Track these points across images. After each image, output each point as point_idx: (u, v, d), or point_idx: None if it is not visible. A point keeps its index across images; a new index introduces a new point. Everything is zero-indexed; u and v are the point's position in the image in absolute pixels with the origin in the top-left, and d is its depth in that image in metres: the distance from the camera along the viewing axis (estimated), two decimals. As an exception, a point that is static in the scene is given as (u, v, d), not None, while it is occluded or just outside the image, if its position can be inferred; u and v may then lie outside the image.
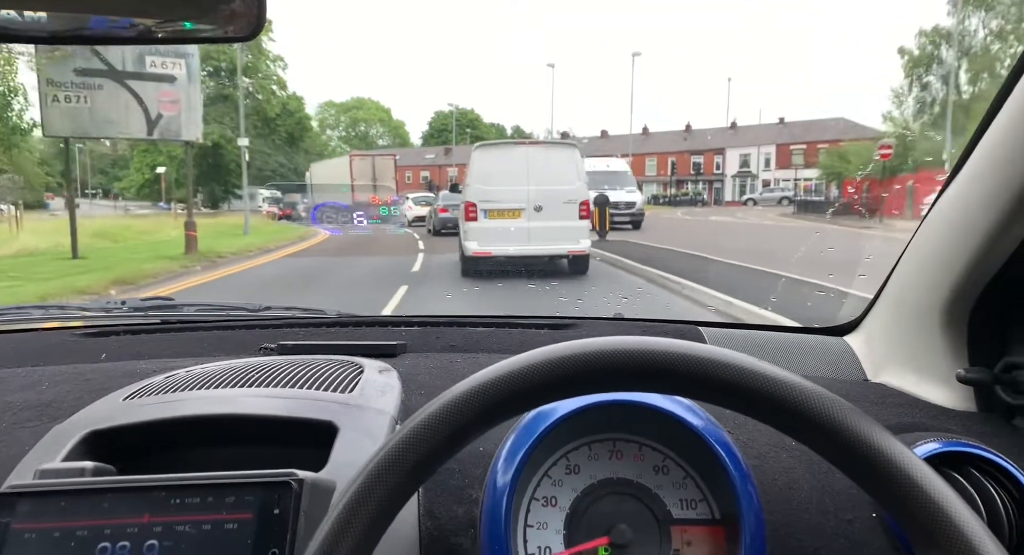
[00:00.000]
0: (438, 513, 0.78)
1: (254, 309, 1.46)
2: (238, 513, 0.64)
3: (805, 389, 0.51)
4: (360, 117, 72.02)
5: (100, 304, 1.49)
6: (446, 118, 66.95)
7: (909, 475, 0.47)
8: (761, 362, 0.53)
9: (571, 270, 9.79)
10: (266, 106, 42.70)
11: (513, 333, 1.28)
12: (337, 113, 72.82)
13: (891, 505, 0.48)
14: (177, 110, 14.13)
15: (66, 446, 0.78)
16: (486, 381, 0.53)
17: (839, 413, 0.50)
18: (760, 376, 0.51)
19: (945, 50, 31.98)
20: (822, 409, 0.50)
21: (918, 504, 0.47)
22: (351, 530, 0.49)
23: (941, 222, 0.92)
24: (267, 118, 42.96)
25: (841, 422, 0.50)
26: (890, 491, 0.48)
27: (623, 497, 0.79)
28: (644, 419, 0.79)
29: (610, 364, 0.53)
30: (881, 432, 0.49)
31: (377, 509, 0.50)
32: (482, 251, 9.58)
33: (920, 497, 0.47)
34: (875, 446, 0.48)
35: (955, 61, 29.85)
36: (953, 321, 0.93)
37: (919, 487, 0.47)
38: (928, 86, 32.80)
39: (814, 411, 0.50)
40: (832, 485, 0.81)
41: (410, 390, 0.97)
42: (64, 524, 0.64)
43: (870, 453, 0.48)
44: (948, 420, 0.92)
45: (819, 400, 0.51)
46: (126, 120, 13.83)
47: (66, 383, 1.02)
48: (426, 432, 0.52)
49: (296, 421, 0.83)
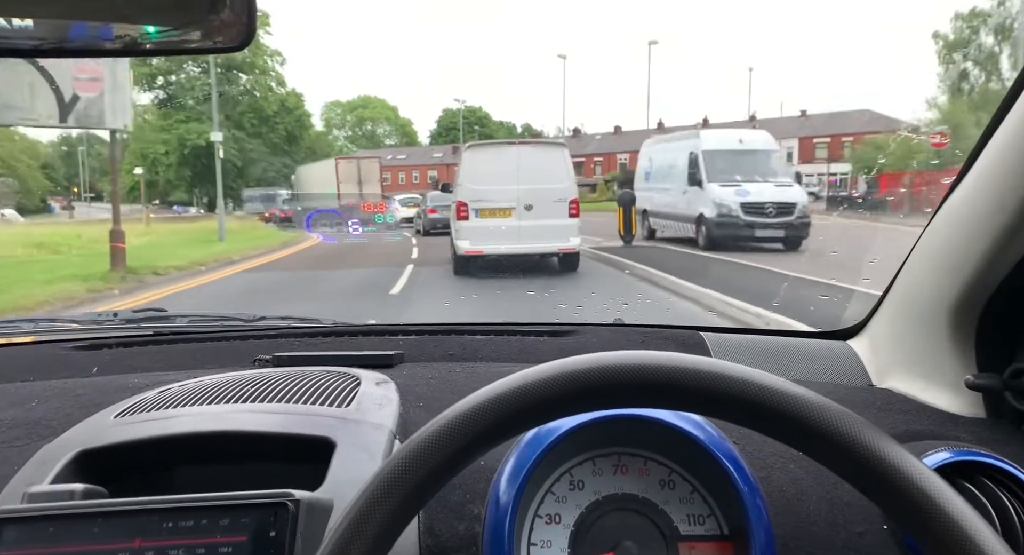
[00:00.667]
0: (439, 530, 0.78)
1: (248, 319, 1.46)
2: (233, 536, 0.63)
3: (814, 403, 0.51)
4: (366, 116, 72.02)
5: (91, 316, 1.49)
6: (454, 116, 66.56)
7: (922, 489, 0.48)
8: (771, 376, 0.53)
9: (561, 268, 9.95)
10: (263, 103, 41.13)
11: (512, 341, 1.28)
12: (343, 112, 72.85)
13: (904, 519, 0.49)
14: (99, 90, 11.05)
15: (55, 467, 0.78)
16: (491, 398, 0.53)
17: (849, 427, 0.50)
18: (768, 390, 0.52)
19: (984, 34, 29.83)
20: (831, 423, 0.50)
21: (931, 518, 0.47)
22: (351, 553, 0.49)
23: (949, 224, 0.92)
24: (264, 116, 41.22)
25: (852, 437, 0.50)
26: (903, 505, 0.48)
27: (628, 513, 0.79)
28: (649, 433, 0.79)
29: (618, 380, 0.53)
30: (892, 445, 0.49)
31: (378, 532, 0.50)
32: (474, 250, 9.82)
33: (933, 511, 0.47)
34: (887, 460, 0.49)
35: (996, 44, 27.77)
36: (961, 325, 0.93)
37: (932, 501, 0.47)
38: (966, 73, 30.72)
39: (824, 425, 0.50)
40: (841, 497, 0.81)
41: (408, 402, 0.97)
42: (52, 551, 0.63)
43: (881, 467, 0.49)
44: (957, 427, 0.92)
45: (828, 414, 0.51)
46: (31, 104, 10.72)
47: (56, 399, 1.02)
48: (429, 451, 0.52)
49: (292, 437, 0.83)
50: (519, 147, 10.81)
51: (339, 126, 72.96)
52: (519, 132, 68.93)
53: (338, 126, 72.91)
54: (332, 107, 72.33)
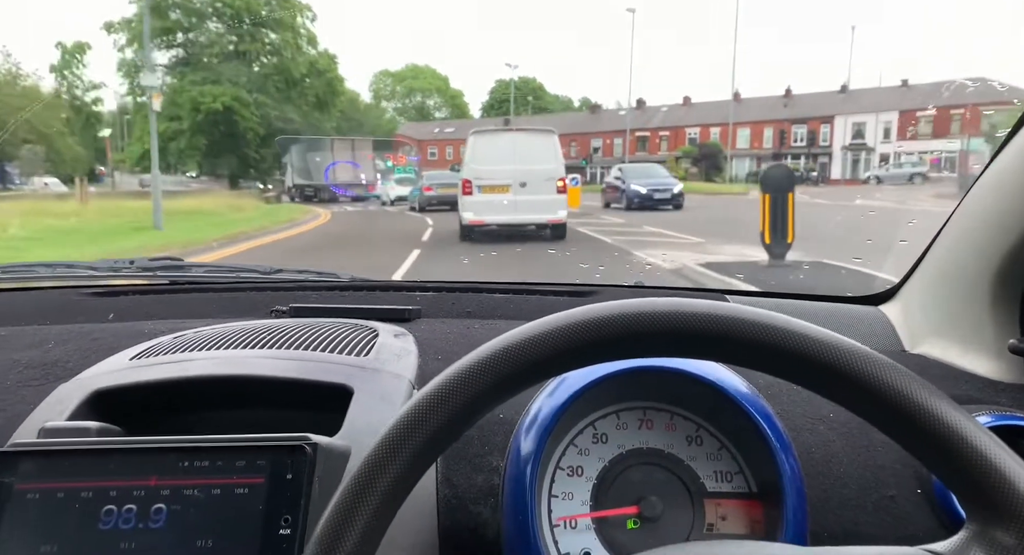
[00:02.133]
0: (456, 481, 0.80)
1: (265, 271, 1.49)
2: (249, 477, 0.65)
3: (849, 348, 0.52)
4: (416, 86, 70.37)
5: (108, 263, 1.52)
6: (507, 88, 65.25)
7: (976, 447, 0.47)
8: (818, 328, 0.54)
9: (552, 235, 12.14)
10: (291, 65, 37.59)
11: (530, 299, 1.30)
12: (393, 83, 71.16)
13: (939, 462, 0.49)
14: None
15: (71, 405, 0.81)
16: (529, 337, 0.53)
17: (901, 381, 0.50)
18: (815, 341, 0.52)
19: None
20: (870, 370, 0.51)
21: (983, 473, 0.47)
22: (370, 496, 0.50)
23: (998, 186, 0.92)
24: (291, 79, 37.75)
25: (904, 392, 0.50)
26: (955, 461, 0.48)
27: (653, 468, 0.80)
28: (676, 387, 0.81)
29: (661, 326, 0.52)
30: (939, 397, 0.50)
31: (395, 478, 0.51)
32: (477, 220, 12.01)
33: (987, 467, 0.47)
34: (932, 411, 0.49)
35: None
36: (1004, 289, 0.94)
37: (984, 457, 0.47)
38: None
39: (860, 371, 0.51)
40: (874, 459, 0.82)
41: (427, 355, 1.00)
42: (68, 485, 0.65)
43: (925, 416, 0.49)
44: (997, 393, 0.92)
45: (866, 360, 0.51)
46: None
47: (72, 342, 1.07)
48: (465, 382, 0.52)
49: (309, 384, 0.85)
50: (516, 134, 13.97)
51: (388, 97, 71.63)
52: (576, 106, 65.97)
53: (387, 97, 71.55)
54: (381, 77, 71.10)
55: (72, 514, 0.64)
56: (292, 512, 0.64)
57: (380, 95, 70.28)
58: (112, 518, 0.64)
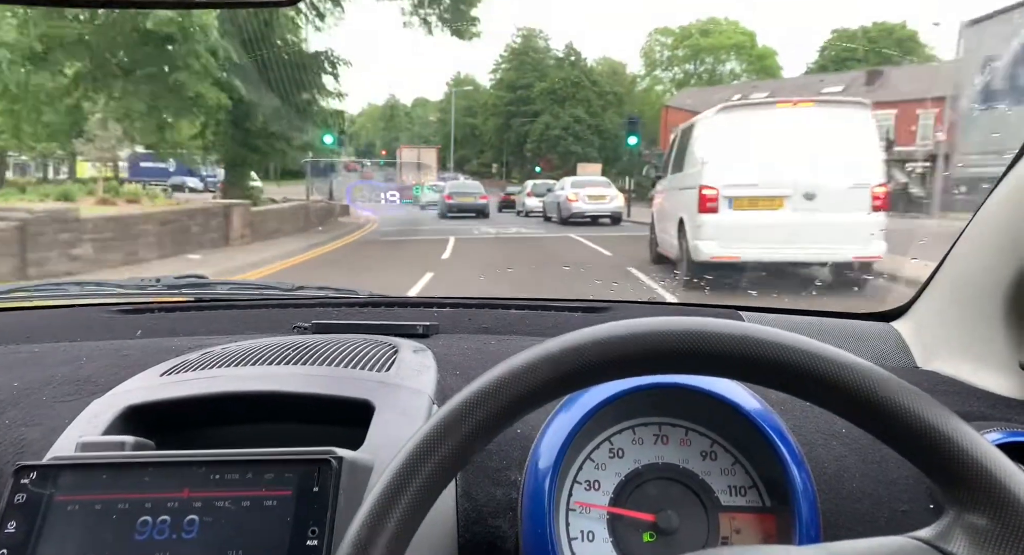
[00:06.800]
0: (476, 495, 0.84)
1: (287, 288, 1.56)
2: (277, 490, 0.69)
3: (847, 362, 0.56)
4: (706, 45, 53.74)
5: (135, 282, 1.61)
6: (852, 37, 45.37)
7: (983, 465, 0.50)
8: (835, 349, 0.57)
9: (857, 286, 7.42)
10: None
11: (546, 316, 1.35)
12: (673, 44, 55.08)
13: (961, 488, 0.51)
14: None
15: (105, 420, 0.85)
16: (554, 351, 0.55)
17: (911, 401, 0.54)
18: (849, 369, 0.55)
19: None
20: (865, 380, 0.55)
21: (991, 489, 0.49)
22: (396, 508, 0.52)
23: (1008, 200, 0.95)
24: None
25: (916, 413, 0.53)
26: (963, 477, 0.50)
27: (669, 482, 0.84)
28: (690, 403, 0.84)
29: (684, 346, 0.54)
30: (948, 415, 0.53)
31: (417, 493, 0.53)
32: (724, 255, 7.50)
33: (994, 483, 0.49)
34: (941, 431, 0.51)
35: None
36: (1016, 305, 0.96)
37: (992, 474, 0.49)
38: None
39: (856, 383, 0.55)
40: (886, 474, 0.85)
41: (445, 371, 1.04)
42: (106, 496, 0.69)
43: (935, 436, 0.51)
44: (1009, 409, 0.95)
45: (862, 371, 0.56)
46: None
47: (103, 358, 1.12)
48: (484, 398, 0.55)
49: (332, 399, 0.89)
50: (795, 109, 8.26)
51: (663, 65, 55.61)
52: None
53: (661, 65, 55.61)
54: (657, 36, 55.31)
55: (110, 525, 0.67)
56: (319, 523, 0.67)
57: (652, 61, 54.18)
58: (147, 529, 0.67)
